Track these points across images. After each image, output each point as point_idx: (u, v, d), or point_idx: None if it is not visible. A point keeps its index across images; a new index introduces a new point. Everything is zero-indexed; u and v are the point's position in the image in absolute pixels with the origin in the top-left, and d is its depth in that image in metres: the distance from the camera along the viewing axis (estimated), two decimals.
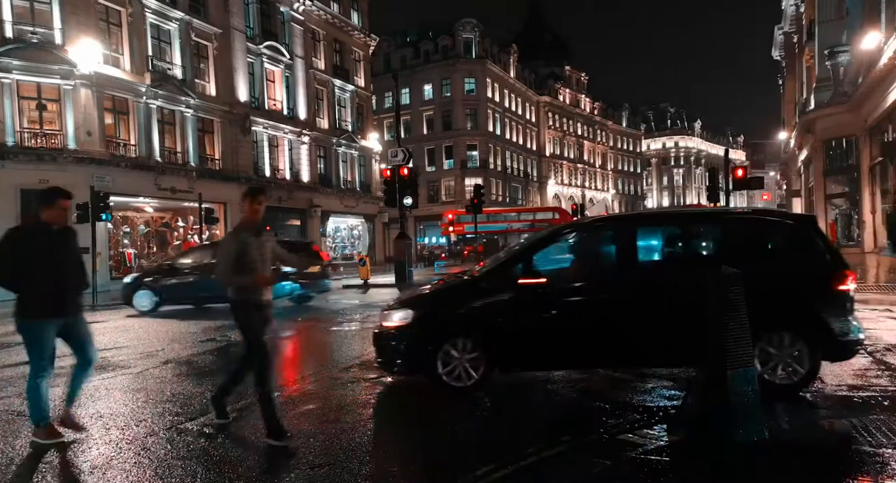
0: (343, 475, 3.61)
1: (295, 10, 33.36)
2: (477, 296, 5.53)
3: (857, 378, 5.54)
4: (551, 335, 5.30)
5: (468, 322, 5.41)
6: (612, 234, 5.87)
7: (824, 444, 4.05)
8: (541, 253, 5.73)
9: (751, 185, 22.11)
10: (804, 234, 5.49)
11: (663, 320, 5.14)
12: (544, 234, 6.05)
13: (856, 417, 4.34)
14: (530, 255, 5.66)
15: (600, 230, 6.18)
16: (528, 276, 5.44)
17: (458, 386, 5.26)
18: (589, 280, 5.53)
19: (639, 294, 5.25)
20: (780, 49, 40.67)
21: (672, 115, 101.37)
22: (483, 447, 4.04)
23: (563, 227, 6.41)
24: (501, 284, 5.47)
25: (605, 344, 5.29)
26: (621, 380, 5.76)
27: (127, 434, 4.55)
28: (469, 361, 5.28)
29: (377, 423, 4.87)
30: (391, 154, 20.99)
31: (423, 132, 56.88)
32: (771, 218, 6.15)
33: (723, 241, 5.80)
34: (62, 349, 4.57)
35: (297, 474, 3.65)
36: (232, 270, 4.30)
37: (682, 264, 5.65)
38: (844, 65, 21.79)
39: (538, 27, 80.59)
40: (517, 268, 5.55)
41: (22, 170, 20.56)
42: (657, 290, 5.25)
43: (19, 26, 21.05)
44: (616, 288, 5.33)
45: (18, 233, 4.40)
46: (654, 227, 6.17)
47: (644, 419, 4.50)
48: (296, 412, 5.00)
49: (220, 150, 28.44)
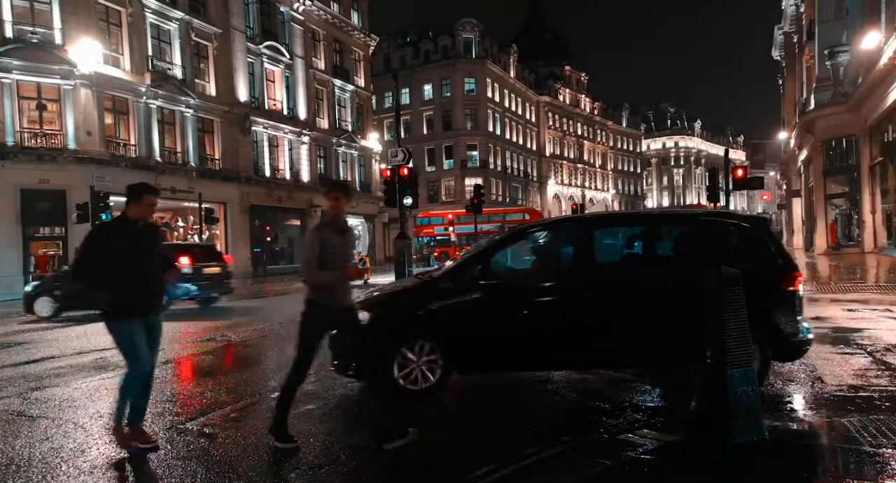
0: (343, 475, 3.60)
1: (295, 10, 33.36)
2: (436, 297, 5.41)
3: (857, 378, 5.53)
4: (512, 336, 5.23)
5: (426, 324, 5.30)
6: (573, 234, 5.82)
7: (825, 443, 4.04)
8: (502, 253, 5.71)
9: (751, 185, 22.10)
10: (757, 236, 5.55)
11: (624, 321, 5.17)
12: (506, 235, 5.98)
13: (856, 417, 4.34)
14: (490, 255, 5.61)
15: (562, 231, 6.17)
16: (489, 276, 5.43)
17: (415, 389, 5.15)
18: (550, 281, 5.46)
19: (598, 295, 5.24)
20: (780, 49, 40.69)
21: (672, 115, 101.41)
22: (484, 447, 4.03)
23: (525, 227, 6.29)
24: (461, 285, 5.38)
25: (566, 345, 5.22)
26: (621, 380, 5.75)
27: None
28: (426, 364, 5.18)
29: (377, 423, 4.86)
30: (391, 154, 20.97)
31: (423, 132, 56.90)
32: (726, 220, 6.17)
33: (680, 242, 5.85)
34: (62, 349, 4.56)
35: (297, 474, 3.65)
36: (316, 268, 4.12)
37: (641, 265, 5.70)
38: (844, 65, 21.81)
39: (538, 27, 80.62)
40: (477, 268, 5.49)
41: (22, 170, 20.57)
42: (616, 291, 5.25)
43: (19, 26, 21.07)
44: (576, 289, 5.28)
45: (106, 230, 4.35)
46: (613, 227, 6.23)
47: (644, 419, 4.50)
48: (296, 412, 5.00)
49: (220, 150, 28.45)
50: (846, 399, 4.91)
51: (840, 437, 4.04)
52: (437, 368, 5.19)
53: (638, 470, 3.55)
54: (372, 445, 4.07)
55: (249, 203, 29.60)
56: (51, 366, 7.38)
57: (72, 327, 11.29)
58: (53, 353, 8.25)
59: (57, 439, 4.44)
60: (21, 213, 20.74)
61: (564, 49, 79.65)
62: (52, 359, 7.80)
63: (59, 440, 4.41)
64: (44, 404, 5.50)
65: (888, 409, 4.54)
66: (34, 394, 5.93)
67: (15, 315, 13.78)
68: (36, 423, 4.88)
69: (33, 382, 6.46)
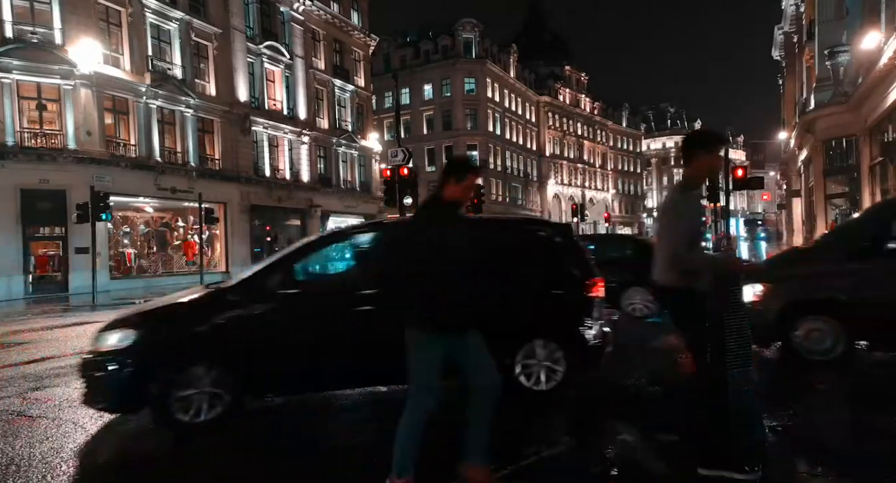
0: (342, 475, 3.59)
1: (295, 10, 33.36)
2: (223, 310, 4.73)
3: (856, 380, 5.54)
4: (312, 353, 4.74)
5: (209, 342, 4.59)
6: (377, 241, 5.41)
7: (830, 442, 4.04)
8: (305, 262, 5.21)
9: (751, 185, 22.12)
10: (559, 242, 5.63)
11: None
12: (310, 241, 5.44)
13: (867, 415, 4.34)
14: (292, 263, 5.07)
15: (367, 237, 5.64)
16: (288, 287, 4.91)
17: (197, 423, 4.40)
18: (351, 291, 4.89)
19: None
20: (780, 49, 40.67)
21: (672, 115, 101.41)
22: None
23: (332, 233, 5.81)
24: (255, 297, 4.78)
25: (379, 359, 4.59)
26: (620, 380, 5.75)
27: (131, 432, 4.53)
28: (210, 389, 4.46)
29: (376, 423, 4.86)
30: (391, 154, 20.98)
31: (423, 132, 56.89)
32: (530, 227, 6.23)
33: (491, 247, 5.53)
34: (62, 349, 4.56)
35: (298, 474, 3.64)
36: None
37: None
38: (844, 65, 21.79)
39: (538, 27, 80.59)
40: (275, 278, 4.90)
41: (22, 170, 20.56)
42: None
43: (19, 26, 21.05)
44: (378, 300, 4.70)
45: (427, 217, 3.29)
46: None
47: (644, 419, 4.50)
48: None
49: (220, 150, 28.44)
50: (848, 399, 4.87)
51: (850, 435, 4.02)
52: (225, 394, 4.50)
53: (638, 470, 3.56)
54: (376, 444, 4.05)
55: (249, 203, 29.59)
56: (51, 366, 7.37)
57: (71, 327, 11.29)
58: (53, 353, 8.26)
59: (57, 439, 4.44)
60: (21, 213, 20.72)
61: (564, 49, 79.63)
62: (52, 359, 7.80)
63: (58, 440, 4.41)
64: (44, 404, 5.50)
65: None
66: (34, 394, 5.93)
67: (15, 315, 13.78)
68: (36, 423, 4.88)
69: (33, 382, 6.45)
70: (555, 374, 5.09)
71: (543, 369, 5.09)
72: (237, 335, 4.62)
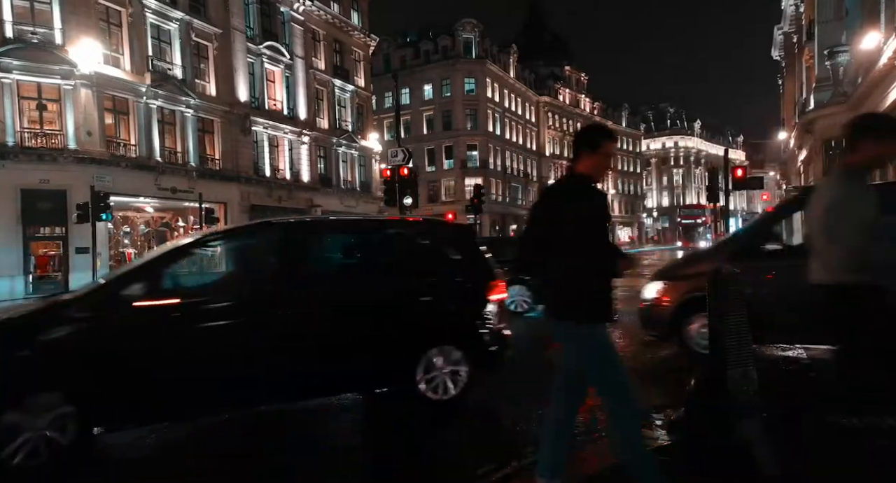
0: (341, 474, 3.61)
1: (295, 11, 33.37)
2: (64, 327, 3.96)
3: None
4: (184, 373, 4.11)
5: (45, 367, 3.82)
6: (263, 243, 5.02)
7: (824, 443, 4.05)
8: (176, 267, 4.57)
9: (750, 185, 22.15)
10: (462, 244, 5.57)
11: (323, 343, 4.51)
12: (185, 243, 4.80)
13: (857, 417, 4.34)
14: (159, 268, 4.46)
15: (250, 239, 5.22)
16: (153, 296, 4.17)
17: (33, 464, 3.67)
18: (233, 299, 4.43)
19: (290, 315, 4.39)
20: (779, 49, 40.70)
21: (672, 115, 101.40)
22: (484, 446, 4.04)
23: (211, 233, 5.08)
24: (106, 310, 4.06)
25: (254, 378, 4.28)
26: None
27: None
28: (50, 424, 3.73)
29: (376, 423, 4.87)
30: (391, 154, 21.01)
31: (423, 132, 56.89)
32: (434, 228, 6.17)
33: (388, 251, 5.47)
34: None
35: (301, 475, 3.65)
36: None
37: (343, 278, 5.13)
38: (844, 65, 21.80)
39: (538, 27, 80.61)
40: (134, 286, 4.19)
41: (22, 170, 20.57)
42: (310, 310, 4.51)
43: (19, 26, 21.06)
44: (263, 308, 4.36)
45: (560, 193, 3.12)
46: (312, 235, 5.23)
47: (644, 420, 4.51)
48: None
49: (220, 150, 28.45)
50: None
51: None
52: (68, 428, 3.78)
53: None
54: (375, 444, 4.05)
55: (250, 203, 29.60)
56: None
57: None
58: None
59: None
60: (21, 213, 20.73)
61: (564, 49, 79.65)
62: None
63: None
64: None
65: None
66: None
67: None
68: None
69: None
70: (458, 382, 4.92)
71: (446, 377, 4.90)
72: (83, 357, 3.88)
